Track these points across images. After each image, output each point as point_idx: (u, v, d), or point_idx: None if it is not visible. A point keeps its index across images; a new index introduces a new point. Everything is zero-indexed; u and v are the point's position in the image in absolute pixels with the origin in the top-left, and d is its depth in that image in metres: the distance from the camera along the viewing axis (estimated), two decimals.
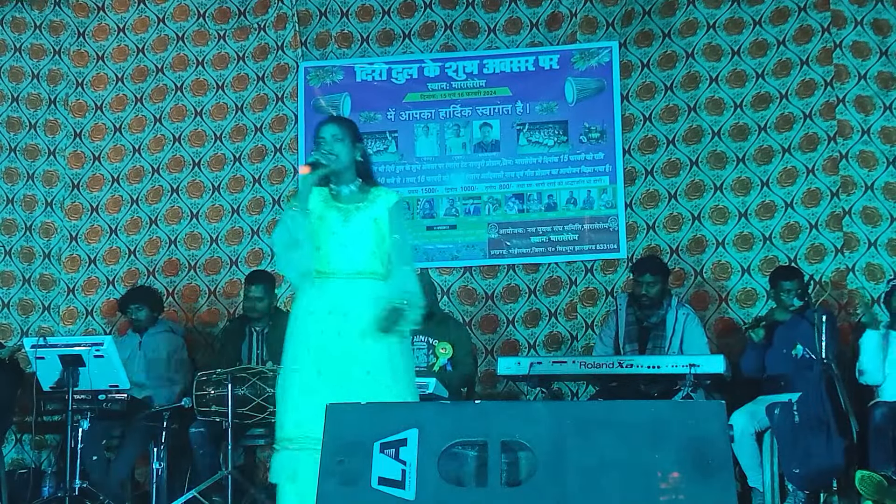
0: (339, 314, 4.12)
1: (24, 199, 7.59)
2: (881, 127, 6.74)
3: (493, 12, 7.46)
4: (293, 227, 4.14)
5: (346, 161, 4.24)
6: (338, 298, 4.15)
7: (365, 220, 4.22)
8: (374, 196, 4.26)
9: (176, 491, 6.16)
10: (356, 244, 4.20)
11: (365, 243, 4.20)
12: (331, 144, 4.21)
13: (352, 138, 4.27)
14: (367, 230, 4.21)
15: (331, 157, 4.18)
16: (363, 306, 4.12)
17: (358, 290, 4.16)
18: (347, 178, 4.27)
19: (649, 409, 2.99)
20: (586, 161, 7.23)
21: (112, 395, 5.94)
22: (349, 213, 4.23)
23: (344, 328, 4.11)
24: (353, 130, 4.32)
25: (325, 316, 4.13)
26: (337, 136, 4.23)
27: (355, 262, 4.19)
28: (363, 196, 4.27)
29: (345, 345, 4.09)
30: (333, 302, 4.14)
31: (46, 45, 7.75)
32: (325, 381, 4.05)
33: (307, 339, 4.14)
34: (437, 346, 6.32)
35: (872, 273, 6.60)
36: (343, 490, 2.92)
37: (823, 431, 5.29)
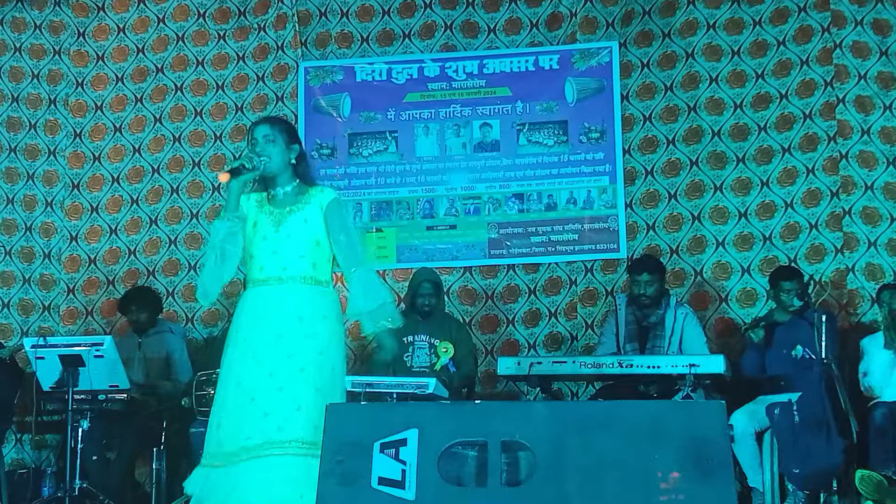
0: (262, 322, 3.97)
1: (24, 199, 7.59)
2: (881, 127, 6.74)
3: (493, 12, 7.47)
4: (216, 237, 4.00)
5: (280, 163, 4.06)
6: (260, 305, 4.01)
7: (296, 223, 4.05)
8: (308, 196, 4.09)
9: (176, 491, 6.15)
10: (286, 248, 4.04)
11: (294, 248, 4.04)
12: (262, 146, 4.04)
13: (285, 139, 4.08)
14: (297, 233, 4.04)
15: (261, 159, 4.00)
16: (280, 310, 3.98)
17: (279, 294, 4.01)
18: (282, 181, 4.10)
19: (649, 409, 2.99)
20: (586, 161, 7.23)
21: (112, 395, 5.93)
22: (281, 217, 4.06)
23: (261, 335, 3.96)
24: (287, 131, 4.14)
25: (249, 326, 4.00)
26: (269, 138, 4.06)
27: (284, 267, 4.02)
28: (297, 197, 4.09)
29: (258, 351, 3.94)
30: (256, 310, 4.01)
31: (46, 45, 7.75)
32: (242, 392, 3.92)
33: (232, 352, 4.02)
34: (439, 345, 6.32)
35: (872, 273, 6.60)
36: (343, 490, 2.92)
37: (823, 431, 5.29)
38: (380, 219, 7.39)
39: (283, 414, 3.85)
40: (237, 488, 3.80)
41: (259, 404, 3.87)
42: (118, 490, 6.14)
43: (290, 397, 3.87)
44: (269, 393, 3.88)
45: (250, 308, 4.04)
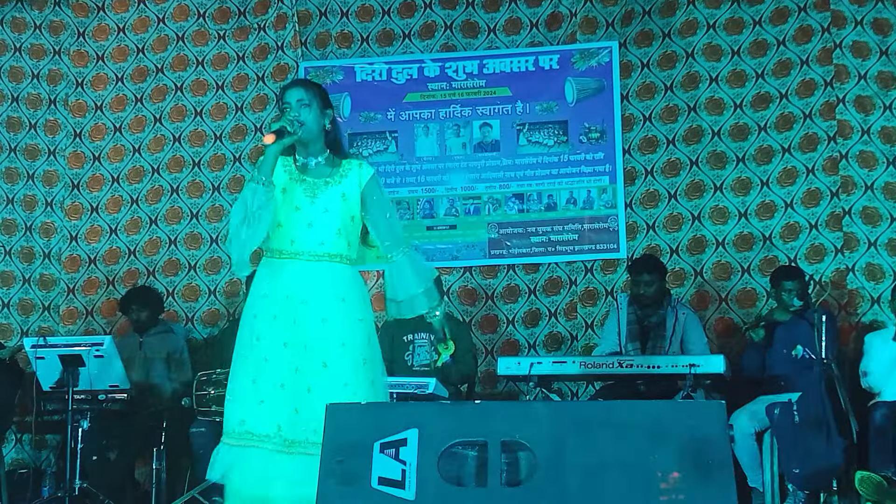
0: (297, 300, 3.73)
1: (24, 199, 7.59)
2: (881, 127, 6.74)
3: (493, 12, 7.47)
4: (252, 202, 3.67)
5: (315, 129, 3.81)
6: (297, 282, 3.75)
7: (333, 197, 3.80)
8: (344, 170, 3.85)
9: (176, 491, 6.16)
10: (323, 223, 3.78)
11: (332, 222, 3.79)
12: (297, 110, 3.77)
13: (320, 104, 3.83)
14: (336, 207, 3.80)
15: (297, 124, 3.74)
16: (325, 292, 3.75)
17: (320, 273, 3.77)
18: (315, 150, 3.85)
19: (649, 409, 2.99)
20: (586, 161, 7.23)
21: (112, 395, 5.94)
22: (317, 188, 3.81)
23: (300, 315, 3.72)
24: (321, 95, 3.87)
25: (282, 301, 3.74)
26: (303, 101, 3.79)
27: (321, 242, 3.77)
28: (332, 170, 3.85)
29: (300, 334, 3.71)
30: (292, 286, 3.74)
31: (46, 45, 7.75)
32: (272, 370, 3.69)
33: (259, 326, 3.76)
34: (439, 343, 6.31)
35: (872, 273, 6.60)
36: (343, 490, 2.92)
37: (823, 431, 5.29)
38: None
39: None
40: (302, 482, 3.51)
41: (318, 397, 3.60)
42: (118, 490, 6.14)
43: (354, 393, 3.69)
44: (332, 387, 3.66)
45: (283, 282, 3.76)
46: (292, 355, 3.71)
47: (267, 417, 3.68)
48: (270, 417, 3.68)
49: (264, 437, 3.67)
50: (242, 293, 6.87)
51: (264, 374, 3.70)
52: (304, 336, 3.72)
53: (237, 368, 3.79)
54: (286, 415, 3.68)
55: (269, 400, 3.69)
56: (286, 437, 3.66)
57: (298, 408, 3.67)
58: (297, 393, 3.68)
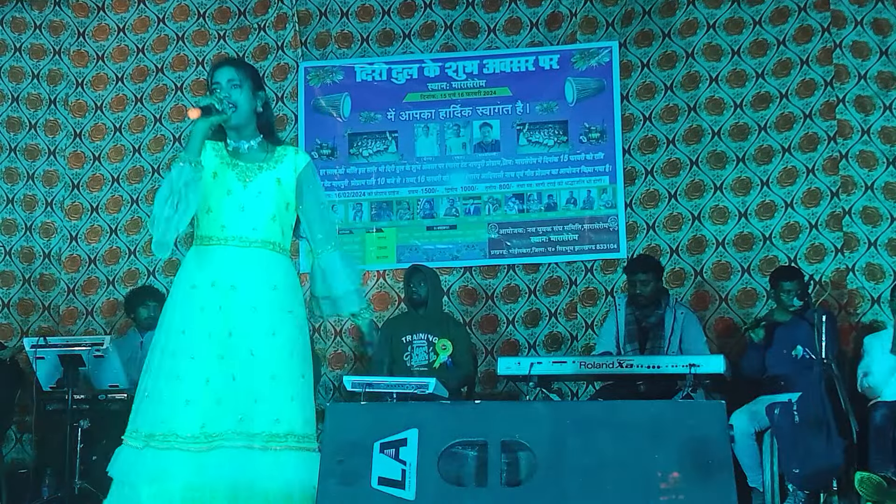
0: (226, 286, 3.59)
1: (24, 199, 7.59)
2: (881, 127, 6.73)
3: (493, 12, 7.47)
4: (177, 179, 3.50)
5: (246, 111, 3.66)
6: (226, 268, 3.61)
7: (268, 181, 3.67)
8: (279, 155, 3.72)
9: None
10: (256, 207, 3.64)
11: (266, 207, 3.65)
12: (227, 90, 3.63)
13: (252, 85, 3.68)
14: (270, 192, 3.66)
15: (226, 103, 3.60)
16: (256, 278, 3.61)
17: (252, 259, 3.63)
18: (247, 133, 3.70)
19: (649, 409, 2.99)
20: (586, 161, 7.23)
21: (112, 395, 5.94)
22: (250, 172, 3.67)
23: (227, 302, 3.58)
24: (253, 76, 3.74)
25: (208, 289, 3.60)
26: (234, 82, 3.65)
27: (253, 227, 3.63)
28: (266, 155, 3.71)
29: (226, 321, 3.57)
30: (220, 272, 3.61)
31: (46, 45, 7.75)
32: (199, 367, 3.53)
33: (184, 319, 3.59)
34: (437, 343, 6.33)
35: (872, 273, 6.60)
36: (343, 490, 2.92)
37: (823, 431, 5.29)
38: (380, 219, 7.39)
39: (279, 404, 3.54)
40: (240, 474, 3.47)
41: (243, 386, 3.53)
42: None
43: (283, 386, 3.57)
44: (259, 378, 3.54)
45: (211, 268, 3.63)
46: (217, 344, 3.56)
47: (192, 417, 3.51)
48: (195, 417, 3.52)
49: (189, 439, 3.51)
50: None
51: (190, 372, 3.53)
52: (229, 323, 3.57)
53: (159, 363, 3.59)
54: (210, 409, 3.52)
55: (195, 398, 3.52)
56: (209, 433, 3.51)
57: (221, 398, 3.52)
58: (221, 383, 3.53)
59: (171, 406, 3.52)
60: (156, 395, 3.55)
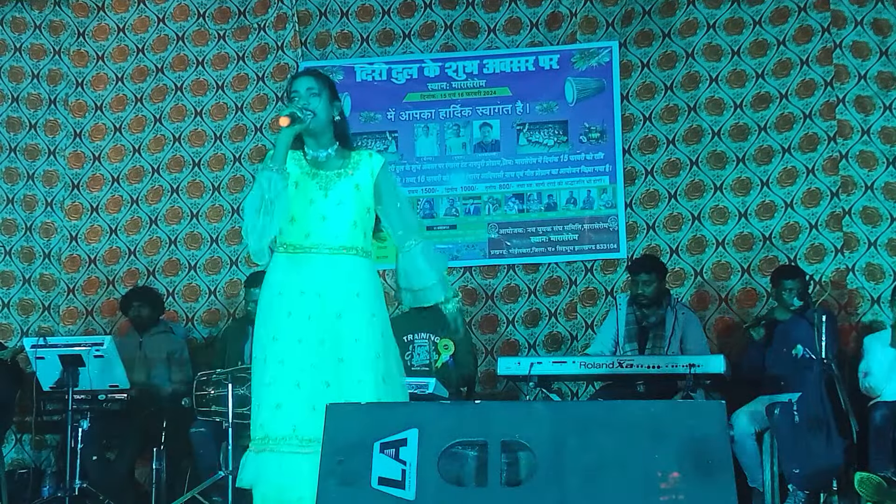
0: (313, 294, 3.69)
1: (24, 199, 7.59)
2: (881, 127, 6.74)
3: (493, 12, 7.47)
4: (268, 189, 3.60)
5: (324, 119, 3.76)
6: (312, 276, 3.70)
7: (347, 189, 3.76)
8: (355, 161, 3.81)
9: (176, 491, 6.16)
10: (338, 216, 3.73)
11: (347, 215, 3.74)
12: (306, 99, 3.72)
13: (329, 94, 3.78)
14: (350, 200, 3.75)
15: (307, 112, 3.68)
16: (341, 286, 3.71)
17: (336, 267, 3.72)
18: (325, 141, 3.80)
19: (649, 409, 2.99)
20: (586, 161, 7.23)
21: (112, 395, 5.94)
22: (329, 181, 3.76)
23: (315, 310, 3.68)
24: (330, 85, 3.82)
25: (296, 297, 3.70)
26: (313, 90, 3.74)
27: (336, 236, 3.73)
28: (343, 161, 3.80)
29: (315, 329, 3.67)
30: (307, 280, 3.70)
31: (46, 45, 7.75)
32: (288, 371, 3.65)
33: (274, 326, 3.71)
34: (440, 342, 6.33)
35: (872, 273, 6.60)
36: (343, 490, 2.92)
37: (823, 431, 5.29)
38: None
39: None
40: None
41: (335, 391, 3.61)
42: (118, 490, 6.14)
43: (368, 390, 3.66)
44: (349, 383, 3.65)
45: (298, 277, 3.72)
46: (308, 352, 3.67)
47: (283, 419, 3.65)
48: (286, 419, 3.65)
49: (280, 440, 3.64)
50: (242, 293, 6.88)
51: (280, 376, 3.66)
52: (319, 331, 3.68)
53: (256, 372, 3.76)
54: (302, 414, 3.62)
55: (286, 402, 3.65)
56: (302, 437, 3.61)
57: (316, 405, 3.56)
58: (314, 390, 3.64)
59: (266, 410, 3.67)
60: (256, 402, 3.72)
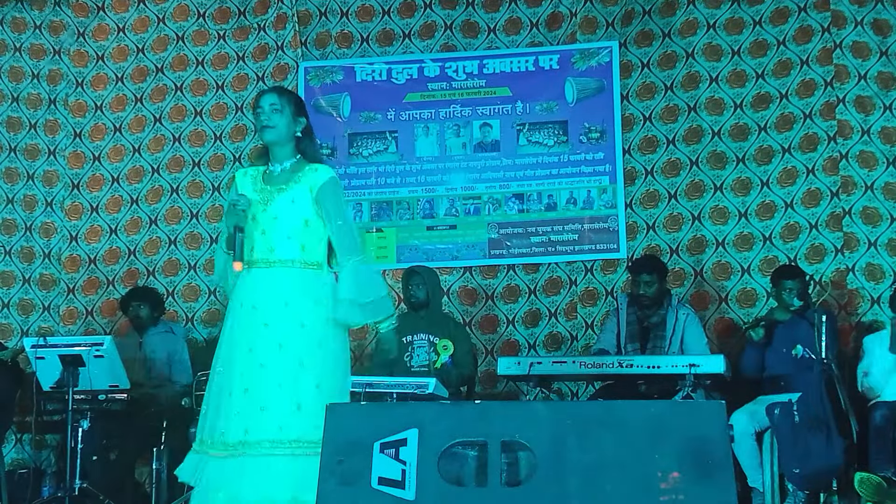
0: (249, 306, 3.90)
1: (24, 199, 7.59)
2: (881, 127, 6.73)
3: (493, 12, 7.47)
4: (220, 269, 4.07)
5: (284, 134, 3.95)
6: (251, 290, 3.92)
7: (283, 203, 3.93)
8: (299, 175, 3.96)
9: (176, 491, 6.16)
10: (273, 230, 3.92)
11: (281, 229, 3.92)
12: (268, 114, 3.94)
13: (293, 111, 3.97)
14: (284, 214, 3.92)
15: (268, 128, 3.92)
16: (270, 297, 3.88)
17: (270, 279, 3.91)
18: (283, 154, 3.99)
19: (649, 409, 2.99)
20: (586, 161, 7.23)
21: (112, 395, 5.94)
22: (270, 196, 3.95)
23: (250, 321, 3.88)
24: (295, 102, 4.01)
25: (238, 309, 3.93)
26: (276, 106, 3.95)
27: (271, 248, 3.92)
28: (290, 176, 3.97)
29: (248, 339, 3.86)
30: (246, 293, 3.93)
31: (46, 45, 7.75)
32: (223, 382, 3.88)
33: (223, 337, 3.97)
34: (438, 343, 6.32)
35: (872, 273, 6.60)
36: (343, 490, 2.92)
37: (823, 431, 5.29)
38: (380, 219, 7.39)
39: (283, 412, 3.78)
40: (236, 483, 3.77)
41: (254, 397, 3.80)
42: (118, 490, 6.14)
43: (289, 394, 3.80)
44: (266, 387, 3.80)
45: (239, 292, 3.96)
46: (239, 361, 3.87)
47: (212, 425, 3.87)
48: (215, 425, 3.86)
49: (208, 444, 3.88)
50: None
51: (217, 384, 3.92)
52: (248, 340, 3.88)
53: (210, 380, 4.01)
54: (231, 420, 3.83)
55: (217, 408, 3.89)
56: (226, 442, 3.82)
57: (239, 411, 3.82)
58: (238, 397, 3.84)
59: (203, 416, 3.94)
60: (203, 407, 3.99)
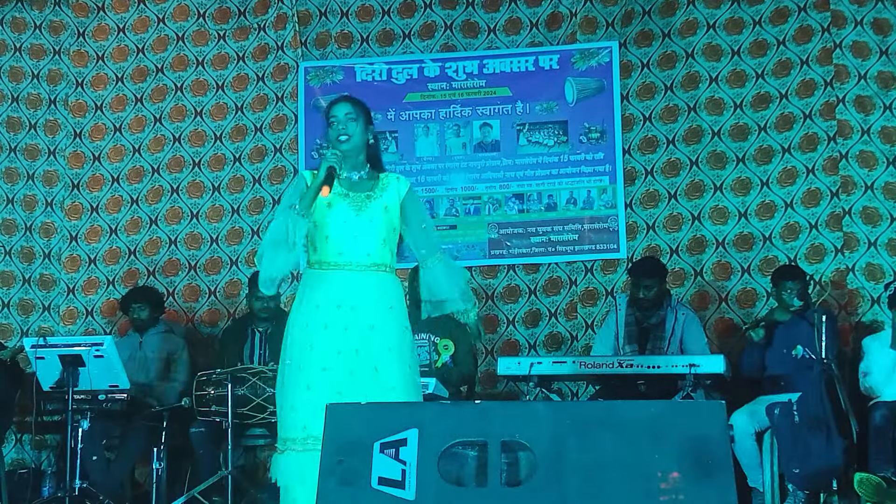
0: (347, 308, 3.99)
1: (24, 199, 7.59)
2: (881, 127, 6.73)
3: (493, 12, 7.47)
4: (292, 232, 3.93)
5: (359, 143, 4.08)
6: (347, 291, 4.01)
7: (377, 210, 4.08)
8: (384, 183, 4.13)
9: (176, 491, 6.16)
10: (368, 235, 4.06)
11: (377, 234, 4.07)
12: (344, 124, 4.05)
13: (365, 119, 4.11)
14: (379, 220, 4.08)
15: (343, 137, 4.03)
16: (373, 299, 4.02)
17: (368, 282, 4.04)
18: (357, 163, 4.12)
19: (649, 409, 2.99)
20: (586, 161, 7.23)
21: (112, 395, 5.94)
22: (361, 202, 4.08)
23: (351, 322, 3.99)
24: (366, 111, 4.14)
25: (333, 310, 4.00)
26: (351, 115, 4.06)
27: (367, 253, 4.05)
28: (373, 183, 4.12)
29: (351, 340, 3.97)
30: (342, 295, 4.01)
31: (46, 45, 7.75)
32: (330, 379, 3.94)
33: (311, 335, 4.00)
34: (440, 343, 6.33)
35: (872, 273, 6.60)
36: (343, 490, 2.92)
37: (823, 431, 5.29)
38: None
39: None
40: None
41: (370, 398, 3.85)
42: (118, 490, 6.14)
43: (399, 398, 3.93)
44: (381, 390, 3.92)
45: (333, 291, 4.02)
46: (346, 361, 3.96)
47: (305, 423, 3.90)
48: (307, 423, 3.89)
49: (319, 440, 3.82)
50: (245, 293, 6.88)
51: (322, 382, 3.93)
52: (355, 342, 3.97)
53: (290, 377, 4.00)
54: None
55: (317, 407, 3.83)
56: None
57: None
58: (353, 397, 3.87)
59: (306, 413, 3.91)
60: (289, 405, 3.98)
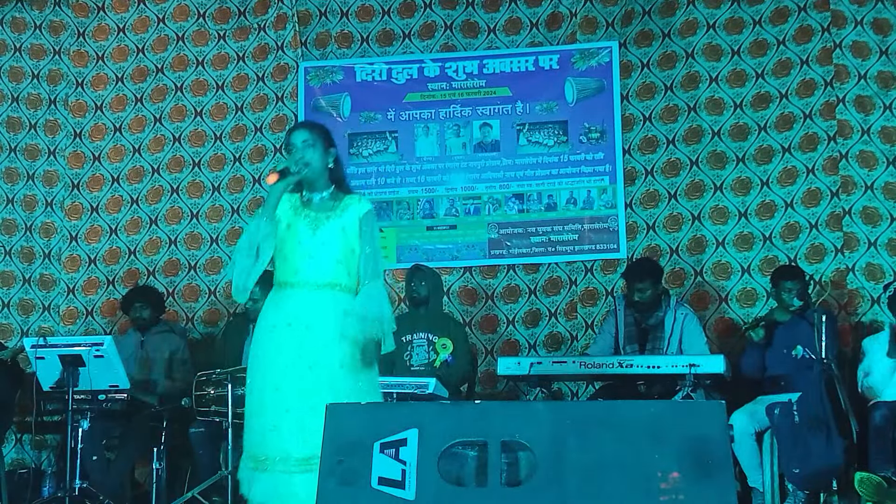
0: (301, 326, 4.01)
1: (24, 199, 7.59)
2: (881, 127, 6.73)
3: (493, 12, 7.47)
4: (256, 235, 4.00)
5: (318, 168, 4.11)
6: (300, 310, 4.04)
7: (333, 230, 4.10)
8: (344, 205, 4.14)
9: (176, 491, 6.16)
10: (323, 254, 4.08)
11: (332, 253, 4.08)
12: (302, 151, 4.07)
13: (324, 144, 4.13)
14: (335, 240, 4.09)
15: (301, 164, 4.05)
16: (326, 318, 4.02)
17: (322, 301, 4.06)
18: (320, 186, 4.15)
19: (649, 409, 2.99)
20: (586, 161, 7.23)
21: (112, 395, 5.93)
22: (318, 222, 4.11)
23: (305, 340, 4.00)
24: (324, 135, 4.17)
25: (285, 329, 4.03)
26: (308, 142, 4.09)
27: (322, 272, 4.07)
28: (334, 204, 4.14)
29: (305, 357, 3.98)
30: (295, 313, 4.04)
31: (46, 45, 7.75)
32: (283, 398, 3.96)
33: (265, 354, 4.05)
34: (437, 342, 6.33)
35: (872, 273, 6.60)
36: (343, 490, 2.92)
37: (823, 431, 5.29)
38: (380, 219, 7.35)
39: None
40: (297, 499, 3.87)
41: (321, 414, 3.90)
42: (118, 490, 6.14)
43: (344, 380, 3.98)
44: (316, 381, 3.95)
45: (286, 310, 4.06)
46: (298, 378, 3.96)
47: (276, 442, 3.94)
48: (279, 442, 3.94)
49: (277, 461, 3.93)
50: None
51: (274, 401, 3.97)
52: (308, 359, 3.98)
53: (250, 397, 4.10)
54: (294, 436, 3.91)
55: (279, 425, 3.95)
56: (295, 457, 3.91)
57: (305, 427, 3.89)
58: (306, 413, 3.90)
59: (261, 433, 3.99)
60: (249, 425, 4.08)
